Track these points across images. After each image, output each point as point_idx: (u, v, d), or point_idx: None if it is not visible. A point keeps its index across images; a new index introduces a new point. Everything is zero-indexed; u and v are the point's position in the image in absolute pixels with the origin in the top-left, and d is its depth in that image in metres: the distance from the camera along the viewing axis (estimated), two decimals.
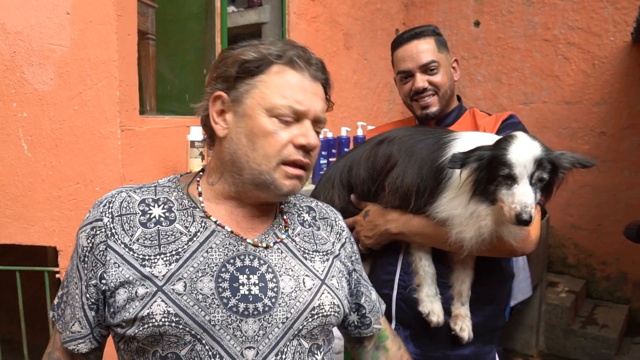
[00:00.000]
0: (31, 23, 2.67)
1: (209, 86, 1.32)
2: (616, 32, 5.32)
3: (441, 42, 2.13)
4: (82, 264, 1.26)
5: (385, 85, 6.18)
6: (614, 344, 4.80)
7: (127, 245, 1.23)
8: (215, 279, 1.21)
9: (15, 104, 2.73)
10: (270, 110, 1.24)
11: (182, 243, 1.24)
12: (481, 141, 1.70)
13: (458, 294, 1.92)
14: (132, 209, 1.27)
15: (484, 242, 1.71)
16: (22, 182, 2.76)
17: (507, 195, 1.58)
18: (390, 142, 1.95)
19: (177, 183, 1.37)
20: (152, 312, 1.15)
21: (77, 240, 1.28)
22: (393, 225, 1.90)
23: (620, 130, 5.40)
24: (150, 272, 1.19)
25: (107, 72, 2.60)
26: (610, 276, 5.60)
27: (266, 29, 5.29)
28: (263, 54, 1.26)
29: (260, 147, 1.24)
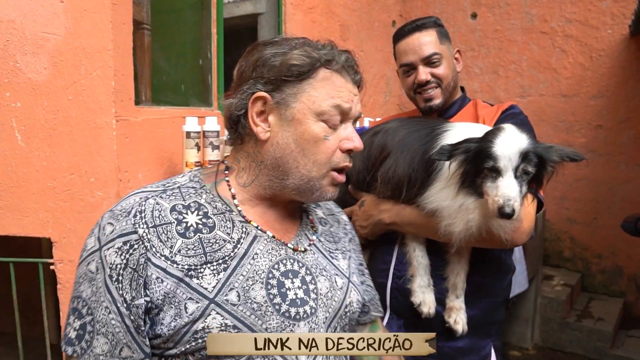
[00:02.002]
0: (24, 11, 2.63)
1: (244, 84, 1.26)
2: (614, 25, 5.30)
3: (443, 33, 2.12)
4: (115, 283, 1.12)
5: (381, 78, 6.15)
6: (608, 337, 4.82)
7: (169, 258, 1.15)
8: (265, 286, 1.21)
9: (9, 94, 2.69)
10: (319, 114, 1.24)
11: (227, 251, 1.20)
12: (472, 133, 1.69)
13: (453, 286, 1.91)
14: (166, 218, 1.18)
15: (472, 235, 1.70)
16: (16, 172, 2.73)
17: (492, 188, 1.57)
18: (386, 132, 1.95)
19: (200, 182, 1.29)
20: (207, 326, 1.13)
21: (98, 260, 1.14)
22: (386, 215, 1.91)
23: (617, 123, 5.39)
24: (198, 284, 1.15)
25: (102, 62, 2.57)
26: (605, 270, 5.61)
27: (262, 19, 5.25)
28: (314, 59, 1.24)
29: (311, 154, 1.24)
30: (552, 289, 5.21)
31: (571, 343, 4.97)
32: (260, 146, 1.26)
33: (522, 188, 1.57)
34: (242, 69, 1.28)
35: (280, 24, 4.90)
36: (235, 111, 1.27)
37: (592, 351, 4.86)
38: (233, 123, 1.30)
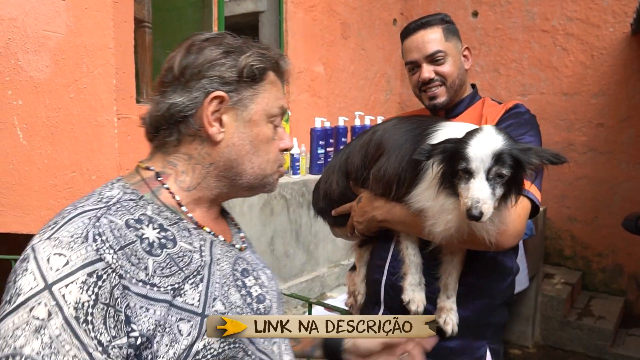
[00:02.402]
0: (26, 9, 2.64)
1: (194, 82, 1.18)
2: (615, 23, 5.30)
3: (450, 30, 2.10)
4: (84, 325, 0.93)
5: (382, 76, 6.16)
6: (609, 335, 4.82)
7: (147, 282, 1.03)
8: (237, 289, 1.21)
9: (10, 92, 2.70)
10: (270, 116, 1.24)
11: (197, 261, 1.14)
12: (459, 133, 1.66)
13: (444, 286, 1.89)
14: (127, 238, 1.04)
15: (452, 236, 1.68)
16: (18, 170, 2.74)
17: (464, 189, 1.55)
18: (384, 130, 1.95)
19: (137, 193, 1.15)
20: (209, 342, 1.08)
21: (50, 300, 0.93)
22: (378, 212, 1.91)
23: (619, 122, 5.39)
24: (184, 301, 1.07)
25: (103, 60, 2.57)
26: (606, 268, 5.61)
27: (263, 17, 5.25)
28: (268, 61, 1.24)
29: (264, 153, 1.25)
30: (552, 288, 5.21)
31: (572, 341, 4.98)
32: (210, 148, 1.19)
33: (494, 191, 1.54)
34: (185, 65, 1.18)
35: (281, 22, 4.91)
36: (183, 111, 1.17)
37: (593, 349, 4.86)
38: (173, 123, 1.18)
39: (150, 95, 1.23)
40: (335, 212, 2.08)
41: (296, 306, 4.31)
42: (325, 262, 4.74)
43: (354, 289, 2.12)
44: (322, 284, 4.61)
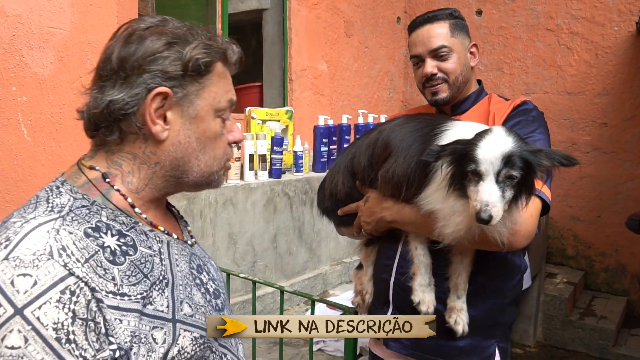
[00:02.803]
0: (30, 6, 2.64)
1: (134, 77, 1.09)
2: (620, 22, 5.28)
3: (458, 25, 2.08)
4: (67, 345, 0.89)
5: (385, 74, 6.15)
6: (611, 335, 4.82)
7: (117, 293, 0.98)
8: (197, 287, 1.19)
9: (15, 88, 2.70)
10: (218, 110, 1.17)
11: (158, 266, 1.10)
12: (469, 133, 1.65)
13: (454, 286, 1.88)
14: (90, 248, 0.98)
15: (462, 237, 1.67)
16: (22, 166, 2.74)
17: (474, 192, 1.54)
18: (391, 129, 1.93)
19: (87, 199, 1.08)
20: (182, 346, 1.06)
21: (24, 325, 0.87)
22: (387, 213, 1.90)
23: (622, 121, 5.38)
24: (154, 309, 1.03)
25: None
26: (608, 268, 5.61)
27: (267, 15, 5.25)
28: (214, 52, 1.16)
29: (211, 150, 1.18)
30: (555, 287, 5.21)
31: (574, 341, 4.97)
32: (154, 146, 1.12)
33: (504, 193, 1.53)
34: (124, 57, 1.09)
35: (285, 20, 4.91)
36: (124, 108, 1.08)
37: (595, 349, 4.86)
38: (112, 121, 1.10)
39: (87, 89, 1.14)
40: (341, 212, 2.06)
41: (298, 303, 4.32)
42: (328, 259, 4.74)
43: (361, 288, 2.11)
44: (325, 282, 4.62)
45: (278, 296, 3.64)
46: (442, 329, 1.86)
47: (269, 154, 4.09)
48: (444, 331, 1.87)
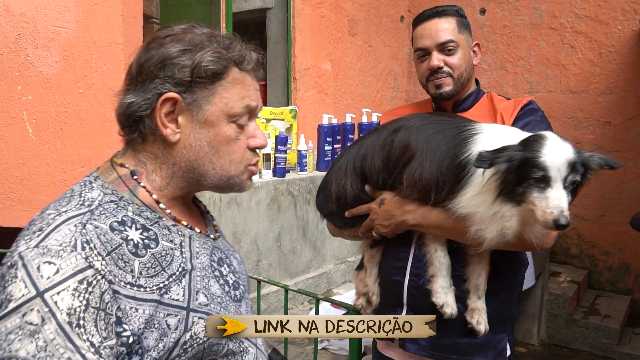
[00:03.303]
0: (36, 5, 2.65)
1: (148, 82, 1.17)
2: (624, 21, 5.28)
3: (463, 23, 2.09)
4: (77, 329, 0.98)
5: (389, 73, 6.15)
6: (615, 334, 4.81)
7: (134, 284, 1.07)
8: (216, 279, 1.26)
9: (20, 87, 2.71)
10: (231, 116, 1.21)
11: (178, 258, 1.18)
12: (504, 137, 1.67)
13: (475, 287, 1.90)
14: (113, 242, 1.07)
15: (505, 241, 1.69)
16: (27, 165, 2.76)
17: (540, 198, 1.56)
18: (407, 130, 1.90)
19: (116, 194, 1.17)
20: (194, 333, 1.14)
21: (42, 306, 0.97)
22: (410, 216, 1.88)
23: (626, 120, 5.37)
24: (169, 298, 1.12)
25: (113, 55, 2.59)
26: (612, 267, 5.60)
27: (271, 14, 5.26)
28: (227, 60, 1.20)
29: (225, 154, 1.23)
30: (558, 286, 5.21)
31: (577, 340, 4.97)
32: (170, 148, 1.20)
33: (568, 198, 1.57)
34: (142, 63, 1.18)
35: (288, 19, 4.91)
36: (138, 111, 1.17)
37: (599, 348, 4.85)
38: (132, 122, 1.19)
39: (118, 93, 1.23)
40: (349, 214, 2.03)
41: (303, 302, 4.32)
42: (332, 258, 4.75)
43: (365, 290, 2.09)
44: (329, 281, 4.62)
45: (282, 295, 3.65)
46: (458, 327, 1.90)
47: (273, 153, 4.10)
48: (460, 328, 1.90)
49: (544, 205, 1.55)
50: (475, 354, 1.94)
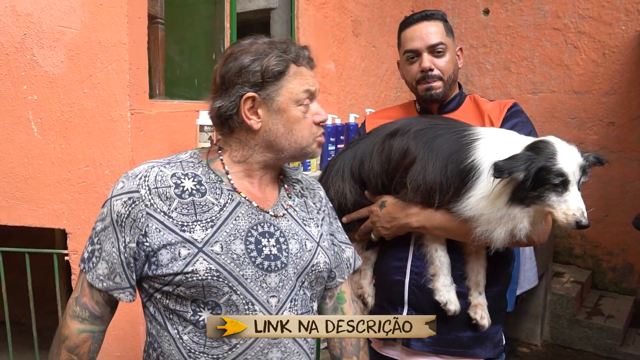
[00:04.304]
0: (42, 5, 2.67)
1: (231, 89, 1.52)
2: (628, 21, 5.27)
3: (449, 28, 2.15)
4: (118, 227, 1.46)
5: (393, 73, 6.16)
6: (619, 334, 4.81)
7: (166, 214, 1.45)
8: (244, 242, 1.50)
9: (26, 87, 2.73)
10: (297, 101, 1.54)
11: (214, 212, 1.50)
12: (505, 142, 1.78)
13: (475, 284, 1.99)
14: (166, 182, 1.48)
15: (518, 241, 1.80)
16: (32, 164, 2.77)
17: (559, 202, 1.68)
18: (405, 135, 1.96)
19: (199, 159, 1.59)
20: (196, 269, 1.42)
21: (109, 206, 1.48)
22: (414, 219, 1.94)
23: (630, 120, 5.37)
24: (190, 236, 1.44)
25: (118, 55, 2.60)
26: (616, 267, 5.60)
27: (275, 14, 5.26)
28: (286, 60, 1.53)
29: (297, 131, 1.56)
30: (562, 286, 5.21)
31: (581, 340, 4.97)
32: (253, 134, 1.55)
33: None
34: (223, 74, 1.53)
35: (292, 19, 4.92)
36: (227, 112, 1.53)
37: (602, 349, 4.86)
38: (223, 120, 1.55)
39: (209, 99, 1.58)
40: (348, 219, 2.08)
41: None
42: None
43: (360, 292, 2.14)
44: None
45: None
46: (459, 321, 1.99)
47: None
48: (460, 323, 2.00)
49: (565, 208, 1.67)
50: (476, 346, 2.03)
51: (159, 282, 1.47)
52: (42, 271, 3.15)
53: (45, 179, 2.76)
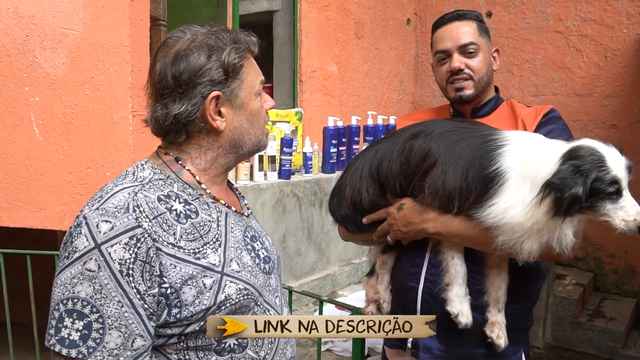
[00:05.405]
0: (44, 7, 2.68)
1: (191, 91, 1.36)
2: (629, 25, 5.27)
3: (483, 28, 2.06)
4: (126, 278, 1.19)
5: (395, 75, 6.16)
6: (620, 336, 4.80)
7: (175, 245, 1.27)
8: (247, 252, 1.44)
9: (28, 88, 2.74)
10: (256, 92, 1.46)
11: (215, 230, 1.38)
12: (534, 148, 1.67)
13: (495, 300, 1.85)
14: (159, 209, 1.29)
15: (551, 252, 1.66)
16: (34, 166, 2.78)
17: (616, 209, 1.60)
18: (427, 136, 1.85)
19: (164, 174, 1.39)
20: (228, 295, 1.31)
21: (98, 258, 1.18)
22: (430, 225, 1.83)
23: (631, 123, 5.37)
24: (207, 262, 1.30)
25: (119, 57, 2.61)
26: (618, 269, 5.59)
27: (277, 16, 5.27)
28: (242, 50, 1.42)
29: (256, 122, 1.47)
30: (564, 288, 5.20)
31: (582, 342, 4.96)
32: (216, 136, 1.42)
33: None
34: (176, 75, 1.35)
35: (295, 22, 4.93)
36: (188, 116, 1.36)
37: (604, 351, 4.84)
38: (181, 126, 1.38)
39: (151, 105, 1.41)
40: (368, 220, 1.97)
41: (307, 304, 4.33)
42: (337, 260, 4.76)
43: (376, 297, 2.03)
44: (333, 282, 4.63)
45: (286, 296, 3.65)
46: (473, 336, 1.86)
47: (279, 155, 4.11)
48: (474, 338, 1.86)
49: (624, 215, 1.59)
50: None
51: (182, 324, 1.28)
52: (44, 272, 3.15)
53: (46, 181, 2.77)
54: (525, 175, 1.64)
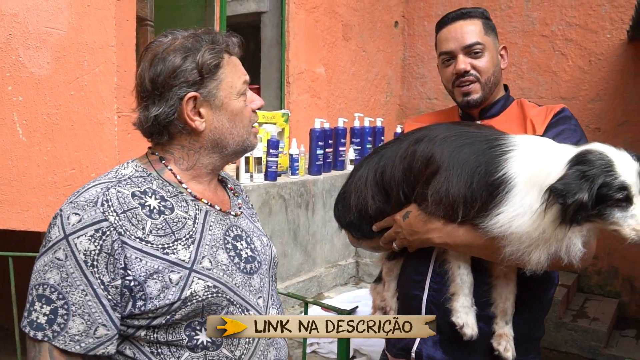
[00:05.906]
0: (28, 5, 2.65)
1: (167, 92, 1.39)
2: (613, 30, 5.33)
3: (489, 26, 1.99)
4: (90, 268, 1.25)
5: (382, 78, 6.18)
6: (603, 336, 4.84)
7: (143, 239, 1.31)
8: (225, 250, 1.44)
9: (11, 88, 2.71)
10: (238, 92, 1.46)
11: (189, 227, 1.40)
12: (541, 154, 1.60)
13: (502, 312, 1.78)
14: (130, 204, 1.33)
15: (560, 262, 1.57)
16: (17, 167, 2.75)
17: (625, 218, 1.49)
18: (431, 141, 1.77)
19: (146, 172, 1.44)
20: (194, 291, 1.32)
21: (66, 247, 1.25)
22: (435, 235, 1.76)
23: (615, 126, 5.42)
24: (176, 258, 1.33)
25: (105, 58, 2.59)
26: (601, 270, 5.63)
27: (265, 18, 5.27)
28: (219, 50, 1.43)
29: (239, 122, 1.47)
30: None
31: (566, 342, 4.99)
32: (197, 136, 1.45)
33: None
34: (153, 78, 1.39)
35: (283, 23, 4.93)
36: (166, 118, 1.40)
37: (587, 350, 4.87)
38: (162, 128, 1.42)
39: (136, 109, 1.45)
40: (378, 227, 1.90)
41: (293, 306, 4.33)
42: (323, 262, 4.76)
43: (383, 305, 1.98)
44: (320, 284, 4.63)
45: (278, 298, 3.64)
46: (478, 347, 1.80)
47: (265, 157, 4.10)
48: (479, 348, 1.81)
49: (634, 224, 1.48)
50: None
51: (148, 317, 1.31)
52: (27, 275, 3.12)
53: (30, 182, 2.74)
54: (532, 182, 1.55)
